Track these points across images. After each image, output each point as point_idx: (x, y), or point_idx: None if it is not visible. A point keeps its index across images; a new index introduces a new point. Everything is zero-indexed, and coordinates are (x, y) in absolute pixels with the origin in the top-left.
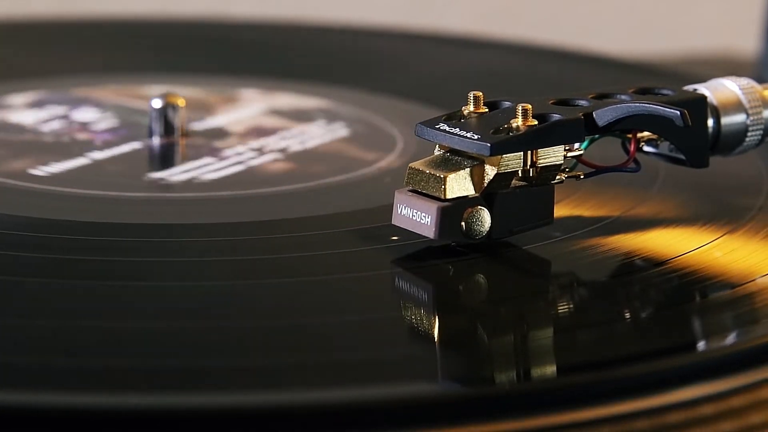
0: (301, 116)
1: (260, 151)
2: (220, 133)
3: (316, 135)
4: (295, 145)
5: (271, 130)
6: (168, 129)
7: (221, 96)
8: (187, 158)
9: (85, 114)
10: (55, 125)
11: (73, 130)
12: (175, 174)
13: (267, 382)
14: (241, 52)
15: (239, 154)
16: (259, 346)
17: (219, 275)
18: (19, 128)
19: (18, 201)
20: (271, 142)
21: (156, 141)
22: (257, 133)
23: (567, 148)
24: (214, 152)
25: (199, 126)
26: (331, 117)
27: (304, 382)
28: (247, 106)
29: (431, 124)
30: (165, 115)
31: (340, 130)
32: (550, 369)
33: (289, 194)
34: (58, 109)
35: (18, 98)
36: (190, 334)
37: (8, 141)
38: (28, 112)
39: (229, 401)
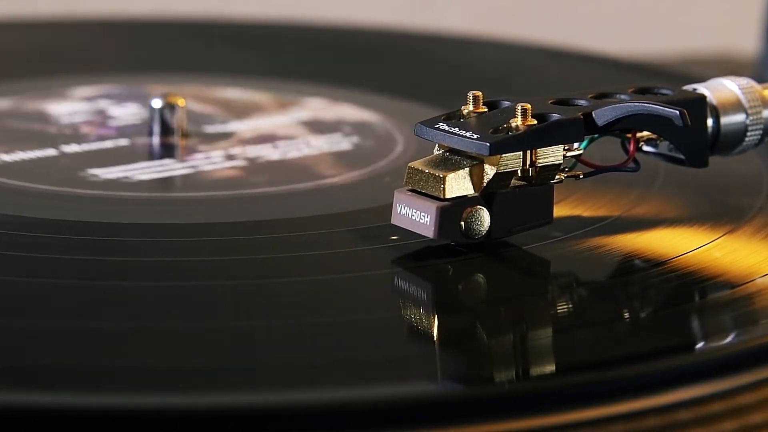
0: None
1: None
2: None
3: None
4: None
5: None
6: (167, 129)
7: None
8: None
9: (122, 110)
10: (78, 118)
11: (88, 124)
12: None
13: (267, 382)
14: (240, 53)
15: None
16: (258, 346)
17: (218, 275)
18: (42, 117)
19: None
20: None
21: (155, 140)
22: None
23: (566, 147)
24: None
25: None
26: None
27: (304, 381)
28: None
29: (431, 123)
30: (164, 115)
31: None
32: (550, 369)
33: (288, 194)
34: (103, 103)
35: (82, 90)
36: (190, 334)
37: (15, 128)
38: (73, 103)
39: (228, 401)
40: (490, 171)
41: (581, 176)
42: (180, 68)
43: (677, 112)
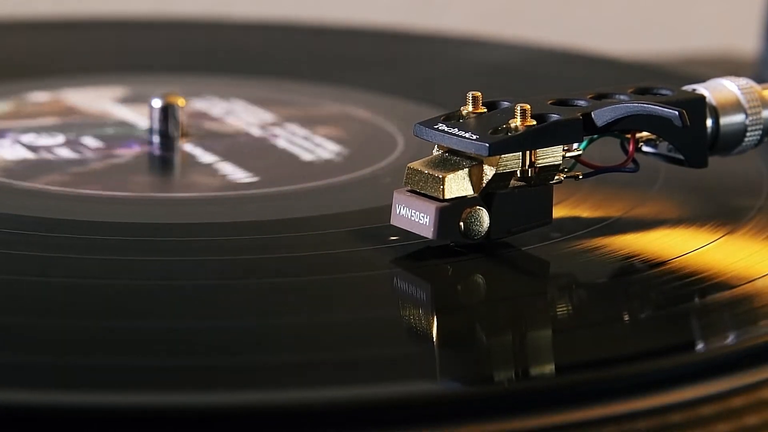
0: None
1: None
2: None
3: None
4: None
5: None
6: (168, 129)
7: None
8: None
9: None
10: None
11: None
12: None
13: (267, 382)
14: (240, 53)
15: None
16: (258, 346)
17: (218, 275)
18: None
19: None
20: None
21: (156, 141)
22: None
23: (566, 148)
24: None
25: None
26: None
27: (304, 381)
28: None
29: (430, 124)
30: (165, 115)
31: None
32: (549, 369)
33: (288, 194)
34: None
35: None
36: (190, 334)
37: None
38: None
39: (228, 401)
40: (489, 171)
41: (580, 177)
42: (181, 68)
43: (676, 112)
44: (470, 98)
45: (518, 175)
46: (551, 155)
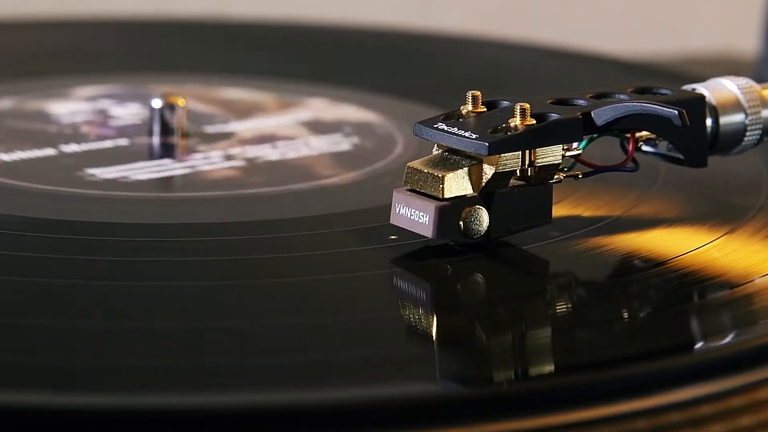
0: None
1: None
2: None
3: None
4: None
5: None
6: (167, 129)
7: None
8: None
9: (123, 110)
10: (79, 118)
11: (89, 124)
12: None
13: (266, 382)
14: (241, 52)
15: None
16: (258, 346)
17: (218, 275)
18: (43, 116)
19: None
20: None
21: (155, 140)
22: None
23: (565, 147)
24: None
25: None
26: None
27: (303, 381)
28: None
29: (429, 123)
30: (164, 115)
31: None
32: (549, 369)
33: (287, 194)
34: (104, 103)
35: (83, 90)
36: (190, 334)
37: (15, 128)
38: (74, 103)
39: (228, 401)
40: (489, 171)
41: (580, 176)
42: (181, 68)
43: (676, 112)
44: (470, 97)
45: (518, 175)
46: (551, 154)
